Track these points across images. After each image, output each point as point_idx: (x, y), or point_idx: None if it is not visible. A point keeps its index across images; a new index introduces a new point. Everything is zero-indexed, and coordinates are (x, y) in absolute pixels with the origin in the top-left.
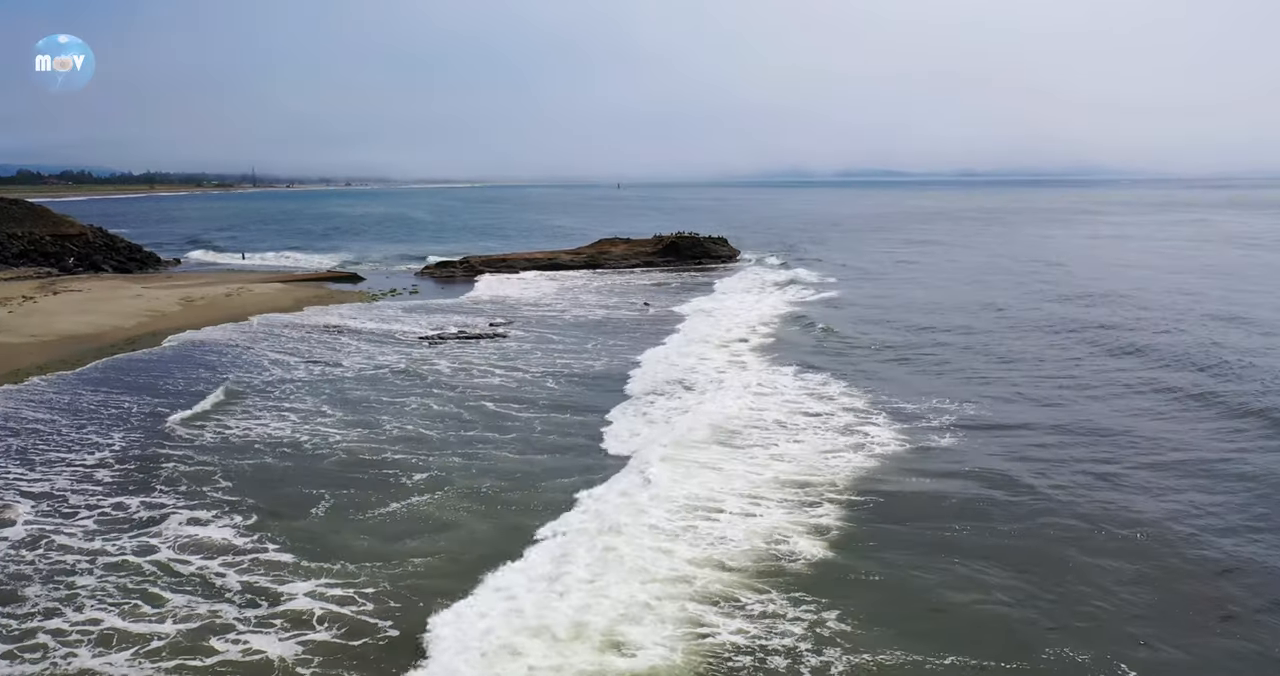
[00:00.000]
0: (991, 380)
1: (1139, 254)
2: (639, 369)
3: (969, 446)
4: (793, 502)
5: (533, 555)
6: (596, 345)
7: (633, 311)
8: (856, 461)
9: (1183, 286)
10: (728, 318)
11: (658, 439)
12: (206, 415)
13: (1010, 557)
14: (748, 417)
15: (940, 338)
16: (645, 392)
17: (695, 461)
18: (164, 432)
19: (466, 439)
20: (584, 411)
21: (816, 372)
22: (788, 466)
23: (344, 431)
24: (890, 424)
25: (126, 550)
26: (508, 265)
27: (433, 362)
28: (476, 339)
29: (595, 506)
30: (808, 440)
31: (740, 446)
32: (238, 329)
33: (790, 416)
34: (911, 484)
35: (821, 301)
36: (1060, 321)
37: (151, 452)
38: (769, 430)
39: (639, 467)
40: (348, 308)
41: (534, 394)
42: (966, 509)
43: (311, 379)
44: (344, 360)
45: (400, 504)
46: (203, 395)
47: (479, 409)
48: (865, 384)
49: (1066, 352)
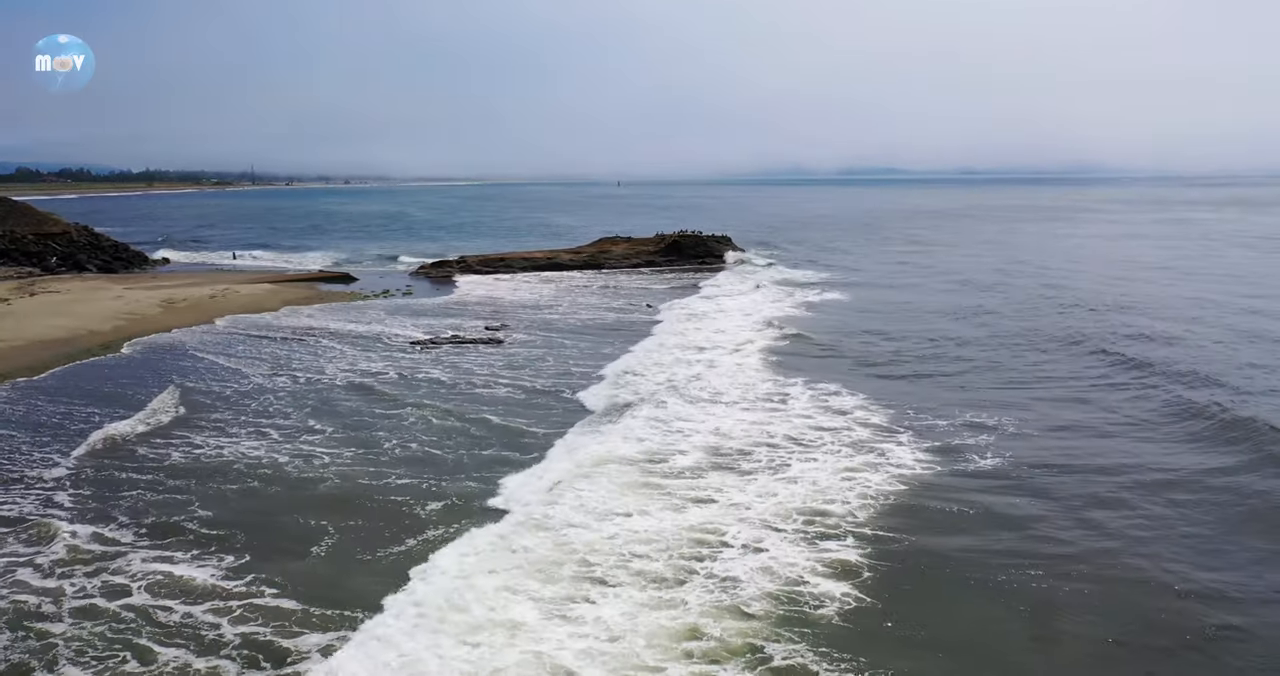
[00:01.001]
0: (1023, 392)
1: (1151, 254)
2: (637, 377)
3: (1005, 468)
4: (809, 535)
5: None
6: (595, 350)
7: (634, 313)
8: (878, 485)
9: (1201, 293)
10: (732, 321)
11: (641, 459)
12: (174, 431)
13: (1080, 603)
14: (752, 434)
15: (960, 345)
16: (640, 402)
17: (691, 485)
18: (125, 452)
19: (482, 460)
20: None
21: (828, 382)
22: (799, 491)
23: (336, 450)
24: (914, 442)
25: (93, 591)
26: (505, 264)
27: (428, 371)
28: (472, 344)
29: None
30: (821, 460)
31: (743, 469)
32: (215, 332)
33: (800, 432)
34: (943, 513)
35: (830, 304)
36: (1081, 330)
37: (110, 476)
38: (777, 448)
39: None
40: (337, 310)
41: (542, 405)
42: (1014, 545)
43: (295, 388)
44: (330, 367)
45: (417, 540)
46: (173, 407)
47: (485, 423)
48: (882, 395)
49: (1093, 364)
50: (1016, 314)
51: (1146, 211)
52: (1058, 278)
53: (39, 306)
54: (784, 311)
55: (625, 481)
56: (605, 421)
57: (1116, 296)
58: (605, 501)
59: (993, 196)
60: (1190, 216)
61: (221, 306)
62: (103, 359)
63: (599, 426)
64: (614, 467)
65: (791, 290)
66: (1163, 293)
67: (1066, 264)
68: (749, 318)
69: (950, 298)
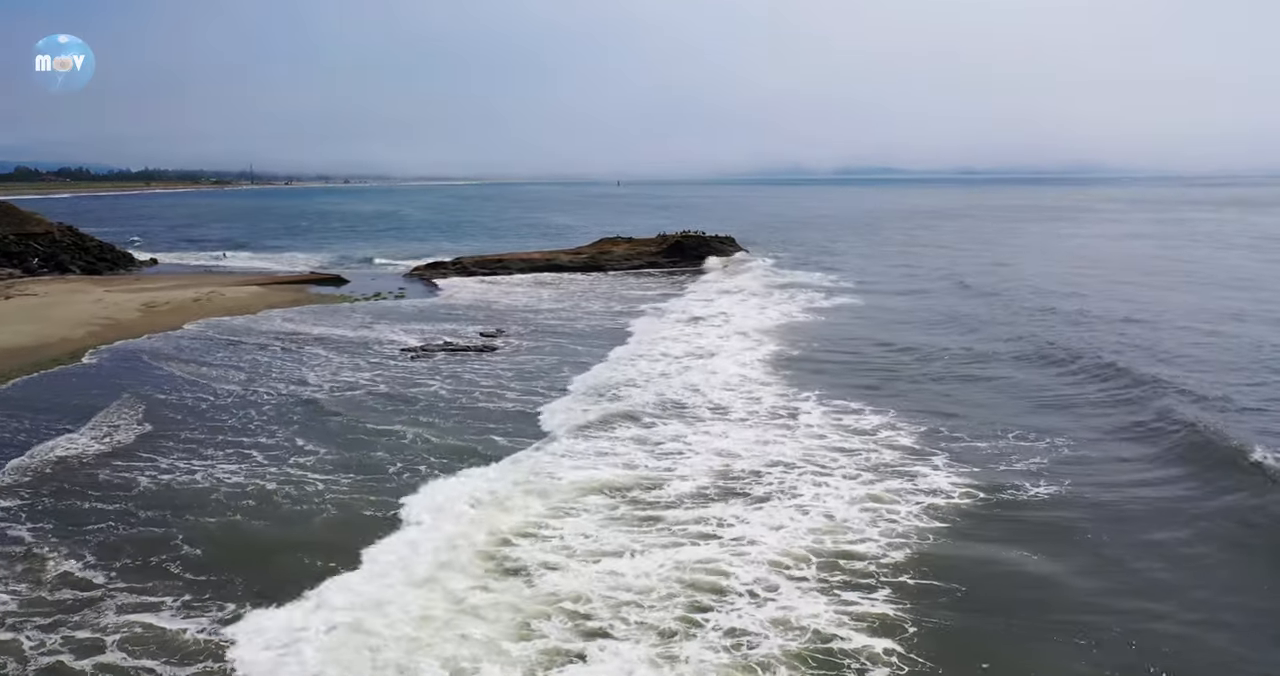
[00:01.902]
0: (1068, 413)
1: (1156, 257)
2: (633, 389)
3: (1063, 497)
4: (832, 581)
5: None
6: (592, 358)
7: (634, 318)
8: (911, 518)
9: (1220, 302)
10: (737, 326)
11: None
12: (140, 451)
13: (1176, 667)
14: (760, 456)
15: (987, 357)
16: (634, 419)
17: (690, 517)
18: (85, 476)
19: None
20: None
21: (844, 397)
22: (817, 524)
23: (331, 476)
24: (950, 466)
25: (58, 646)
26: (503, 266)
27: (423, 382)
28: (465, 351)
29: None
30: (841, 488)
31: (750, 497)
32: (194, 338)
33: (815, 454)
34: (994, 553)
35: (840, 309)
36: (1104, 345)
37: (72, 506)
38: (789, 471)
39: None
40: (325, 314)
41: (531, 420)
42: (1083, 592)
43: (279, 402)
44: (317, 376)
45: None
46: (137, 423)
47: (492, 444)
48: (908, 411)
49: (1127, 386)
50: (1033, 322)
51: (1149, 211)
52: (1069, 283)
53: (12, 310)
54: (792, 317)
55: (613, 515)
56: (592, 440)
57: (1130, 306)
58: (592, 539)
59: (993, 196)
60: (1193, 216)
61: (205, 310)
62: (69, 368)
63: (583, 447)
64: (598, 499)
65: (796, 293)
66: (1179, 301)
67: (1075, 267)
68: (754, 323)
69: (964, 303)
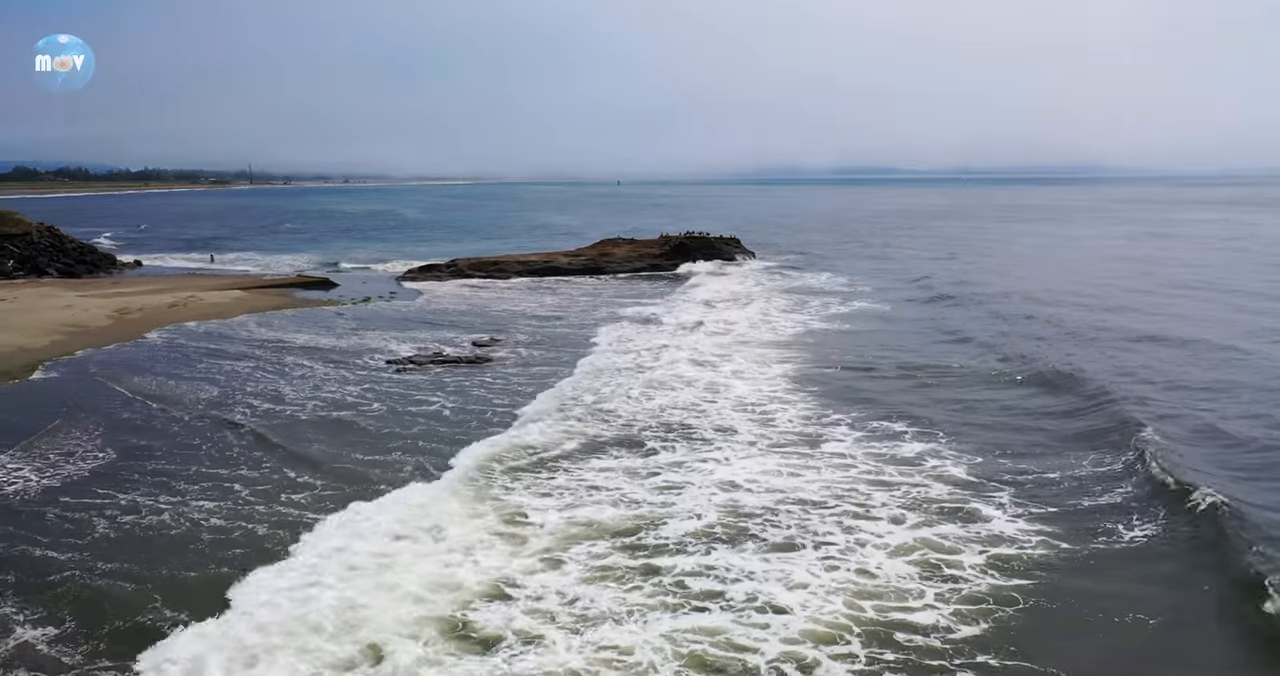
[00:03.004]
0: (1142, 430)
1: (1194, 259)
2: (633, 406)
3: (1166, 540)
4: (889, 666)
5: None
6: (594, 371)
7: (636, 326)
8: (980, 576)
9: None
10: (749, 335)
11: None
12: (96, 486)
13: None
14: (779, 490)
15: (1037, 374)
16: (631, 443)
17: (693, 567)
18: (30, 518)
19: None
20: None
21: (878, 415)
22: (855, 582)
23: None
24: (1019, 504)
25: None
26: (499, 269)
27: (420, 399)
28: (457, 363)
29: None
30: (884, 533)
31: (769, 544)
32: (166, 348)
33: (848, 488)
34: (1096, 624)
35: (860, 315)
36: (1176, 352)
37: (24, 554)
38: (816, 511)
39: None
40: (310, 320)
41: (530, 443)
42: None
43: (261, 423)
44: (299, 392)
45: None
46: (97, 450)
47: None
48: (958, 435)
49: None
50: (1088, 341)
51: (1167, 210)
52: (1095, 287)
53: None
54: (808, 325)
55: (601, 565)
56: (581, 470)
57: (1164, 320)
58: (574, 600)
59: (995, 197)
60: (1199, 217)
61: (181, 316)
62: (19, 384)
63: (568, 480)
64: (582, 548)
65: (808, 298)
66: (1220, 317)
67: (1103, 274)
68: (766, 332)
69: (1003, 311)
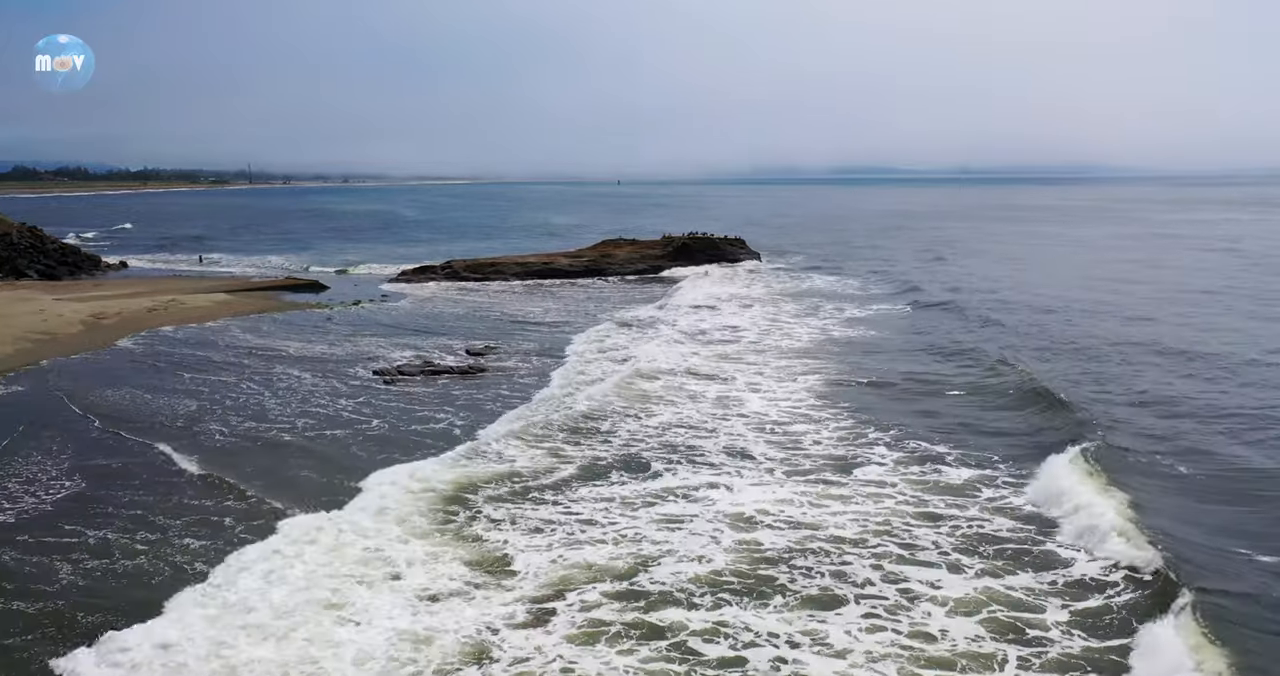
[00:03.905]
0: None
1: (1222, 261)
2: (635, 423)
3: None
4: None
5: None
6: (590, 381)
7: (640, 331)
8: (1069, 637)
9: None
10: (763, 342)
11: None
12: (65, 521)
13: None
14: (806, 524)
15: (1103, 394)
16: (632, 466)
17: (700, 625)
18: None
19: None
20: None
21: (919, 434)
22: (914, 649)
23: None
24: (1167, 582)
25: None
26: (496, 270)
27: (412, 414)
28: (448, 374)
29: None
30: (942, 582)
31: (796, 596)
32: (140, 357)
33: (890, 523)
34: None
35: (878, 319)
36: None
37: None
38: (852, 551)
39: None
40: (297, 325)
41: (562, 472)
42: None
43: (243, 446)
44: (282, 407)
45: None
46: (62, 480)
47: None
48: (1017, 458)
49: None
50: (1124, 347)
51: (1173, 210)
52: (1127, 298)
53: None
54: (826, 330)
55: (590, 619)
56: (569, 500)
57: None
58: (559, 665)
59: (996, 196)
60: (1207, 217)
61: (160, 321)
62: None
63: (556, 513)
64: (567, 599)
65: (822, 302)
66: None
67: (1126, 277)
68: (779, 337)
69: (1037, 317)
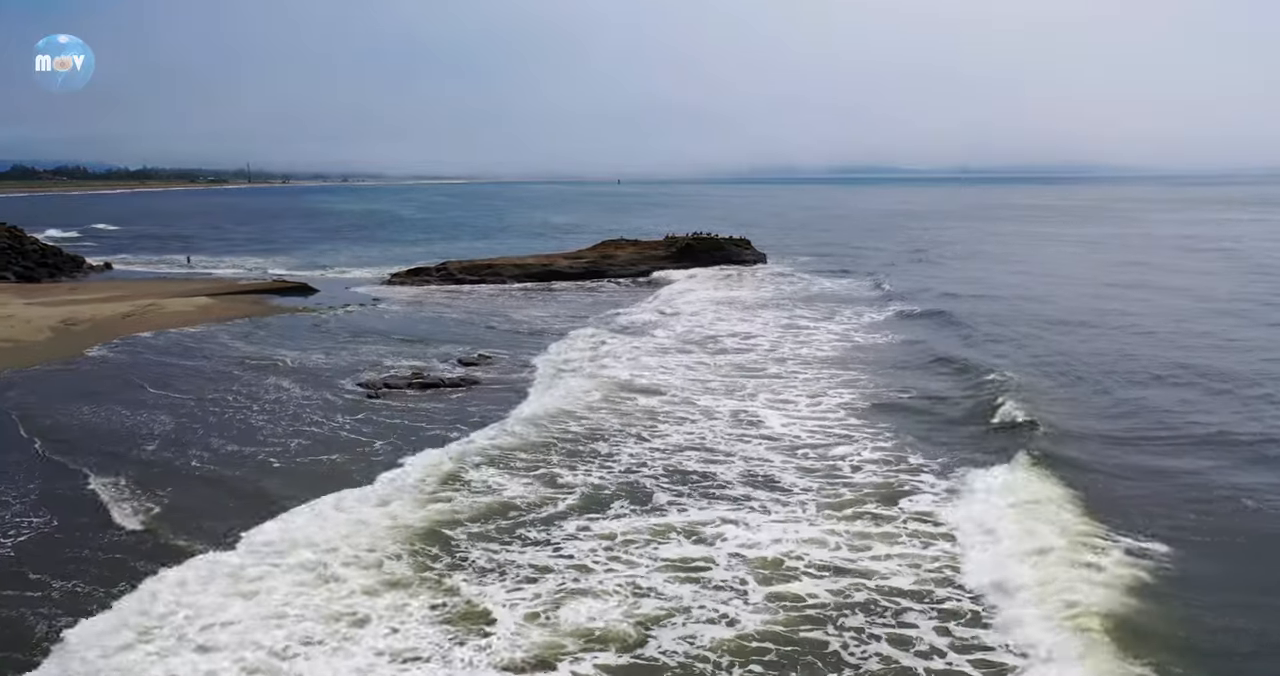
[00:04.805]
0: None
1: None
2: (638, 446)
3: None
4: None
5: None
6: (591, 396)
7: (642, 338)
8: None
9: None
10: (781, 350)
11: None
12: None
13: None
14: (847, 578)
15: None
16: (636, 496)
17: None
18: None
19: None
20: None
21: (973, 458)
22: None
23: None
24: (1218, 590)
25: None
26: (493, 272)
27: (399, 437)
28: (437, 387)
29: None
30: (1040, 656)
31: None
32: (109, 367)
33: (962, 581)
34: None
35: (902, 323)
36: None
37: None
38: (917, 620)
39: None
40: (283, 331)
41: (565, 502)
42: None
43: (221, 474)
44: (250, 430)
45: None
46: (15, 522)
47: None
48: (1104, 491)
49: None
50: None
51: (1180, 210)
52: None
53: None
54: (850, 337)
55: None
56: (559, 541)
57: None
58: None
59: (998, 196)
60: (1216, 217)
61: (134, 328)
62: None
63: (544, 557)
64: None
65: (839, 306)
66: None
67: (1146, 279)
68: (797, 344)
69: (1071, 322)
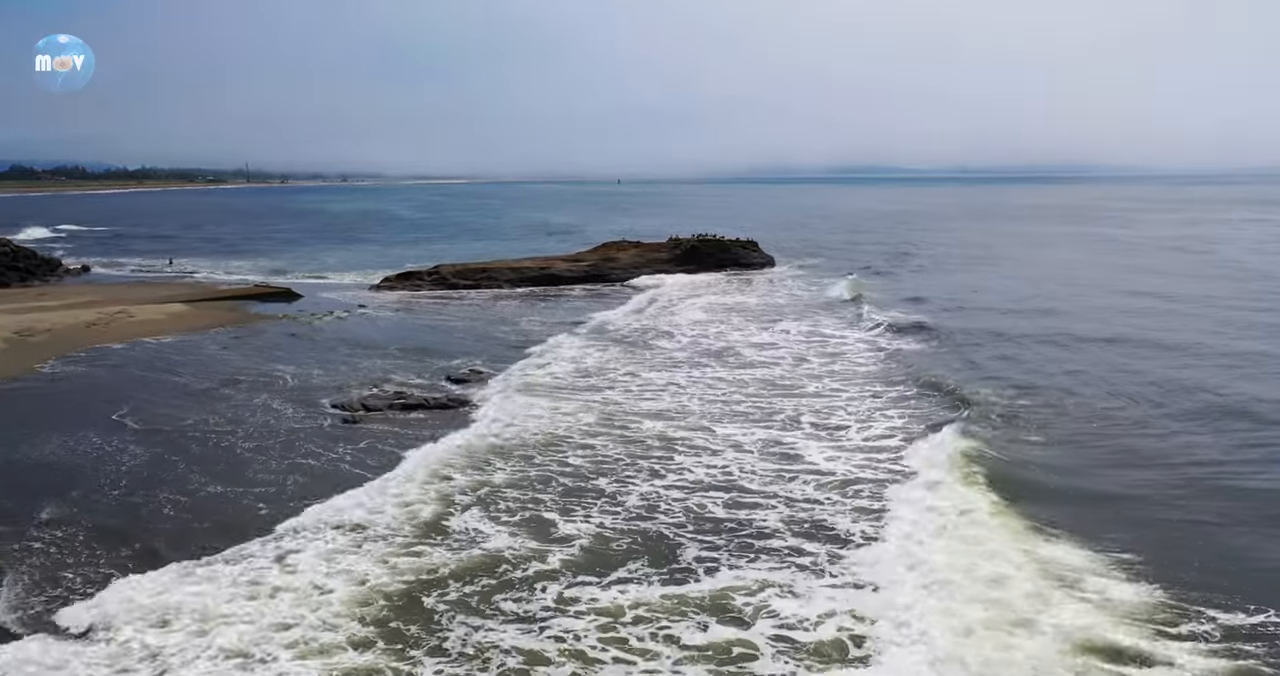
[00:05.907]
0: None
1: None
2: (648, 480)
3: None
4: None
5: None
6: (594, 420)
7: (651, 350)
8: None
9: None
10: (813, 363)
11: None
12: None
13: None
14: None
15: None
16: (659, 549)
17: None
18: None
19: None
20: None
21: (1068, 498)
22: None
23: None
24: None
25: None
26: (489, 277)
27: (372, 471)
28: (422, 408)
29: None
30: None
31: None
32: (64, 384)
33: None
34: None
35: (934, 334)
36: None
37: None
38: None
39: None
40: (260, 342)
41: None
42: None
43: (192, 527)
44: (264, 462)
45: None
46: None
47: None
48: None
49: None
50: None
51: (1184, 210)
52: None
53: None
54: (878, 344)
55: None
56: (556, 613)
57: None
58: None
59: (999, 196)
60: (1223, 217)
61: (97, 338)
62: None
63: (530, 640)
64: None
65: (864, 312)
66: None
67: (1165, 283)
68: (825, 356)
69: (1127, 338)
